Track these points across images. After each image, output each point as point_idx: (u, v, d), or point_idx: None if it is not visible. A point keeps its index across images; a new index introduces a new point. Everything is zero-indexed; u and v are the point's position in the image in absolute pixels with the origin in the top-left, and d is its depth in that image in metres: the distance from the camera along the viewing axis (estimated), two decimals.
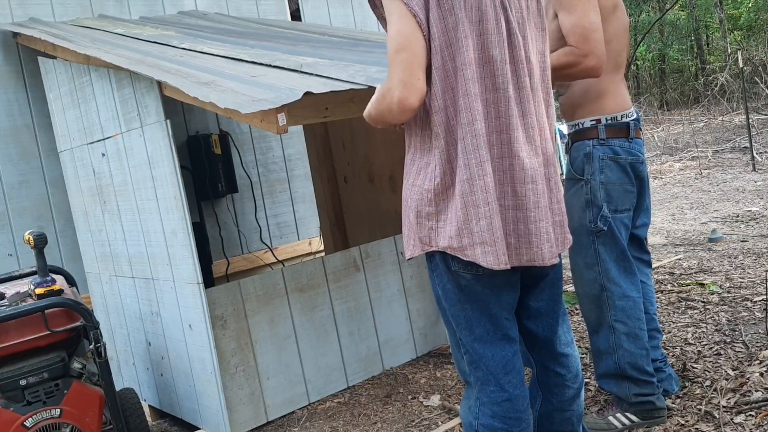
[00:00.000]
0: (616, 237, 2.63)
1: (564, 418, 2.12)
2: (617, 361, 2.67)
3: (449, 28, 1.79)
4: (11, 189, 3.90)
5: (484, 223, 1.81)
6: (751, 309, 3.82)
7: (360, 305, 3.66)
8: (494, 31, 1.83)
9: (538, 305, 2.05)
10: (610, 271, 2.64)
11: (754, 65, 15.05)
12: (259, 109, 2.31)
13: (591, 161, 2.62)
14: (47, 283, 2.73)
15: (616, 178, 2.61)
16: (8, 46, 3.91)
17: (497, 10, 1.84)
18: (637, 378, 2.66)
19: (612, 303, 2.65)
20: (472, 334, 1.94)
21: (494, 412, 1.94)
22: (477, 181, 1.80)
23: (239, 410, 3.16)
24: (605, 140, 2.61)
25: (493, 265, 1.81)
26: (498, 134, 1.84)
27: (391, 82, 1.77)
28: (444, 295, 1.96)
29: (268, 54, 3.33)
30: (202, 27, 4.16)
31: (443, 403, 3.22)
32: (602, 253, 2.64)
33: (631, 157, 2.63)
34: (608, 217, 2.61)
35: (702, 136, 12.94)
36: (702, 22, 22.07)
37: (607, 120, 2.61)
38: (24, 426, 2.51)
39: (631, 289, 2.66)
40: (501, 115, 1.84)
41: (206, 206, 4.54)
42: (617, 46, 2.63)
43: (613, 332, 2.67)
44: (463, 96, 1.80)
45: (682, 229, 6.42)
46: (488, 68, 1.83)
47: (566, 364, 2.09)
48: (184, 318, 3.10)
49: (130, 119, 3.10)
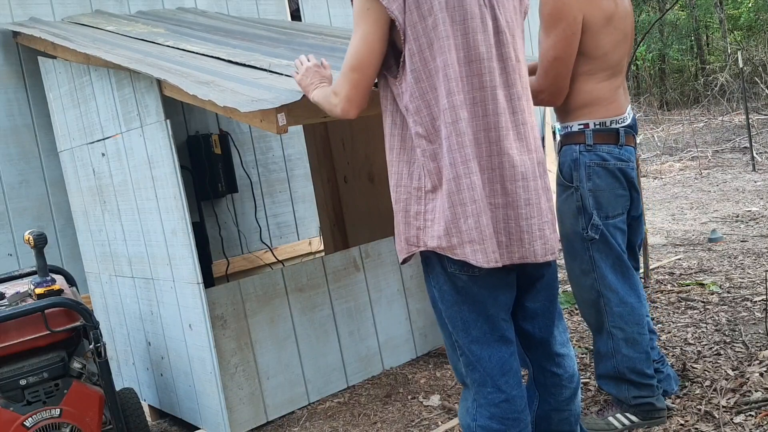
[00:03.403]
0: (610, 243, 2.60)
1: (562, 418, 2.13)
2: (616, 365, 2.67)
3: (429, 29, 1.80)
4: (11, 189, 3.90)
5: (471, 221, 1.81)
6: (751, 309, 3.82)
7: (360, 305, 3.66)
8: (480, 29, 1.83)
9: (534, 306, 2.05)
10: (607, 278, 2.62)
11: (754, 65, 15.05)
12: (258, 108, 2.31)
13: (578, 168, 2.58)
14: (47, 283, 2.73)
15: (604, 185, 2.57)
16: (8, 45, 3.91)
17: (483, 9, 1.84)
18: (637, 381, 2.66)
19: (609, 309, 2.64)
20: (469, 335, 1.94)
21: (492, 413, 1.94)
22: (463, 180, 1.80)
23: (239, 410, 3.16)
24: (592, 146, 2.57)
25: (483, 263, 1.81)
26: (486, 132, 1.84)
27: (339, 93, 1.94)
28: (440, 297, 1.96)
29: (245, 54, 3.33)
30: (193, 24, 4.16)
31: (443, 403, 3.22)
32: (597, 260, 2.62)
33: (620, 162, 2.59)
34: (599, 225, 2.58)
35: (702, 136, 12.94)
36: (702, 22, 22.06)
37: (595, 125, 2.57)
38: (24, 426, 2.51)
39: (629, 295, 2.65)
40: (489, 113, 1.84)
41: (206, 206, 4.53)
42: (614, 57, 2.58)
43: (612, 338, 2.66)
44: (447, 95, 1.81)
45: (682, 229, 6.42)
46: (475, 66, 1.83)
47: (562, 364, 2.10)
48: (184, 318, 3.10)
49: (130, 119, 3.10)
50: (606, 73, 2.57)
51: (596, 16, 2.48)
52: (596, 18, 2.48)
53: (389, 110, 1.95)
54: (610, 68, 2.58)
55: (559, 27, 2.45)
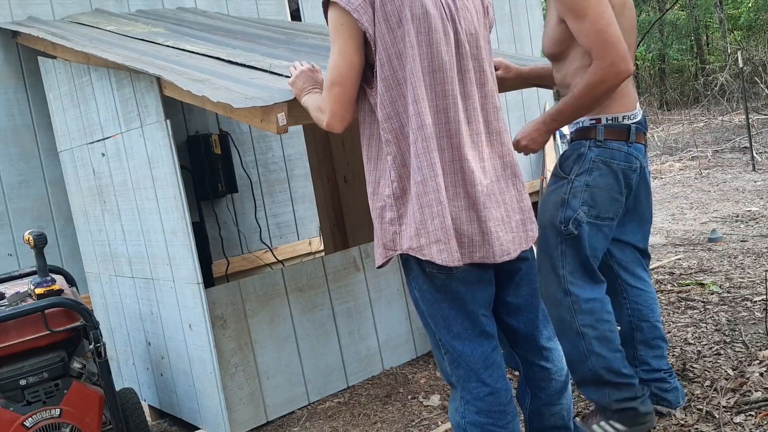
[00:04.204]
0: (584, 244, 2.49)
1: (554, 412, 2.15)
2: (591, 367, 2.53)
3: (398, 39, 1.91)
4: (11, 189, 3.90)
5: (437, 221, 1.89)
6: (751, 309, 3.82)
7: (360, 305, 3.66)
8: (443, 41, 1.94)
9: (517, 301, 2.10)
10: (575, 274, 2.51)
11: (754, 65, 15.05)
12: (252, 105, 2.33)
13: (582, 161, 2.50)
14: (47, 283, 2.73)
15: (604, 183, 2.48)
16: (8, 45, 3.91)
17: (445, 22, 1.95)
18: (615, 381, 2.54)
19: (578, 308, 2.51)
20: (450, 332, 2.00)
21: (479, 408, 1.99)
22: (429, 182, 1.89)
23: (239, 410, 3.16)
24: (603, 142, 2.49)
25: (448, 262, 1.89)
26: (448, 138, 1.94)
27: (324, 109, 2.01)
28: (421, 297, 2.02)
29: (245, 54, 3.33)
30: (193, 24, 4.16)
31: (443, 402, 3.22)
32: (569, 256, 2.51)
33: (625, 164, 2.50)
34: (582, 221, 2.48)
35: (702, 136, 12.95)
36: (702, 22, 22.07)
37: (607, 120, 2.49)
38: (24, 426, 2.51)
39: (596, 291, 2.53)
40: (450, 120, 1.94)
41: (206, 206, 4.53)
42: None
43: (582, 338, 2.52)
44: (413, 102, 1.91)
45: (682, 229, 6.43)
46: (438, 76, 1.94)
47: (550, 358, 2.14)
48: (184, 318, 3.10)
49: (130, 119, 3.10)
50: None
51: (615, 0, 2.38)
52: (615, 2, 2.39)
53: (367, 122, 2.03)
54: None
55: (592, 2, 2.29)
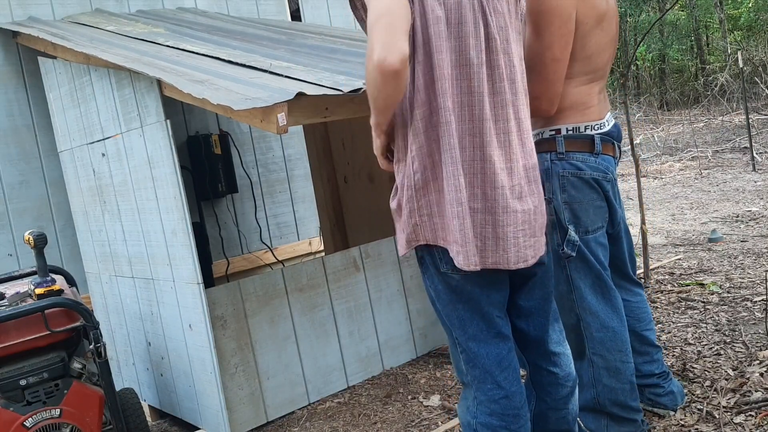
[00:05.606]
0: (589, 261, 2.38)
1: (559, 416, 2.14)
2: (596, 395, 2.45)
3: (430, 23, 1.80)
4: (11, 189, 3.90)
5: (457, 222, 1.84)
6: (751, 309, 3.82)
7: (360, 305, 3.66)
8: (473, 34, 1.84)
9: (529, 304, 2.08)
10: (586, 300, 2.40)
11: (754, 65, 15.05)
12: (252, 106, 2.32)
13: (550, 178, 2.35)
14: (47, 283, 2.73)
15: (582, 196, 2.34)
16: (8, 45, 3.91)
17: (476, 14, 1.84)
18: (618, 415, 2.45)
19: (590, 334, 2.42)
20: (466, 333, 1.98)
21: (492, 410, 1.97)
22: (452, 180, 1.83)
23: (239, 410, 3.16)
24: (564, 154, 2.34)
25: (463, 265, 1.85)
26: (471, 137, 1.85)
27: (371, 47, 1.69)
28: (436, 297, 2.00)
29: (245, 54, 3.33)
30: (193, 24, 4.16)
31: (443, 403, 3.22)
32: (576, 280, 2.39)
33: (596, 173, 2.36)
34: (576, 241, 2.36)
35: (702, 136, 12.94)
36: (702, 22, 22.06)
37: (567, 131, 2.34)
38: (24, 426, 2.51)
39: (611, 318, 2.42)
40: (475, 118, 1.85)
41: (206, 206, 4.54)
42: (599, 60, 2.39)
43: (592, 366, 2.44)
44: (441, 95, 1.82)
45: (682, 229, 6.42)
46: (465, 71, 1.84)
47: (558, 363, 2.12)
48: (184, 318, 3.10)
49: (130, 119, 3.10)
50: (587, 77, 2.38)
51: (588, 15, 2.29)
52: (588, 17, 2.29)
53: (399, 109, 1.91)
54: (593, 72, 2.39)
55: (554, 25, 2.22)
